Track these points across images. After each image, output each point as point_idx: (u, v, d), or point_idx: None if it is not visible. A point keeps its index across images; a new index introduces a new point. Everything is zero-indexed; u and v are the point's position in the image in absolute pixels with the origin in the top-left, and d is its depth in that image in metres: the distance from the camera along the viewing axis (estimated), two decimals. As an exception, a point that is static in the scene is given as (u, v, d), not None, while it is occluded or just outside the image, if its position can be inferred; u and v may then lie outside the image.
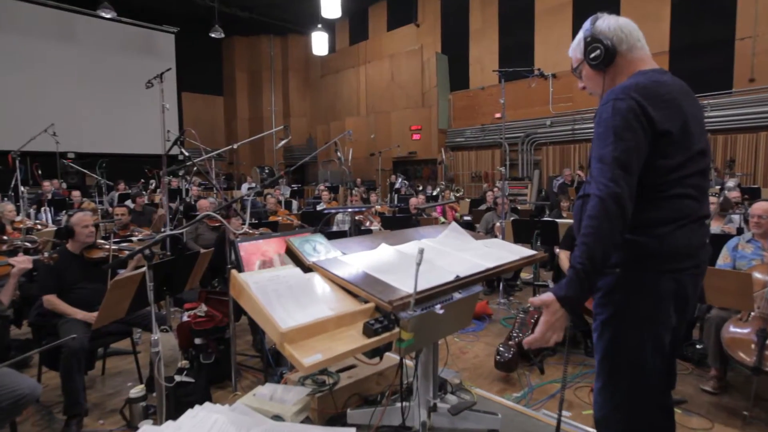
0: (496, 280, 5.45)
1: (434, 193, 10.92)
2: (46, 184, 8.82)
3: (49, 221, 7.21)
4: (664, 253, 1.48)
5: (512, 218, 5.84)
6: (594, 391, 1.66)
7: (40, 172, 9.34)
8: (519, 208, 8.08)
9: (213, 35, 13.97)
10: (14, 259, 2.95)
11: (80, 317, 3.06)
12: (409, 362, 2.49)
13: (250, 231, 4.65)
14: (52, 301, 3.10)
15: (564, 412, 2.87)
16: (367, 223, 6.70)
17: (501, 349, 3.51)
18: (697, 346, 3.57)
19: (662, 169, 1.47)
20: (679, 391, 3.12)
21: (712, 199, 3.76)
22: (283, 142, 5.17)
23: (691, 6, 9.56)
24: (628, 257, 1.51)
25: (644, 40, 1.62)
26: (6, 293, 2.88)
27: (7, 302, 2.87)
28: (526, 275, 6.33)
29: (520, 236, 5.27)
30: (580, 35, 1.67)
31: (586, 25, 1.66)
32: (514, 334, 3.68)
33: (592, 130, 1.71)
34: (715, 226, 4.26)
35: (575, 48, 1.70)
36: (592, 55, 1.61)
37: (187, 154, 3.40)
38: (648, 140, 1.44)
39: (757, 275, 3.00)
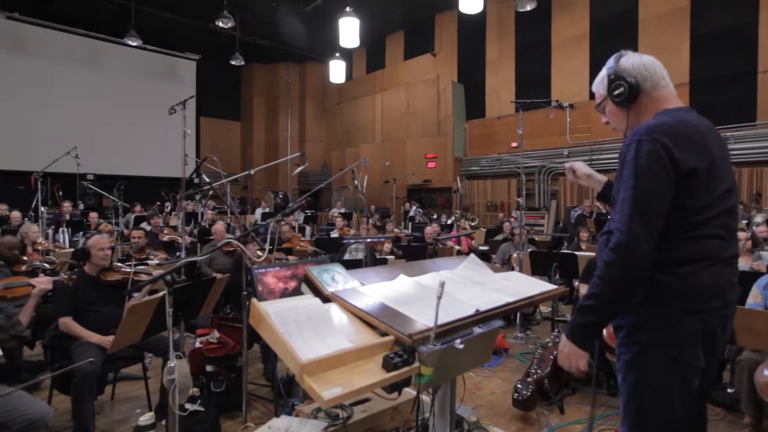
0: (513, 313, 5.35)
1: (449, 222, 10.85)
2: (66, 205, 8.94)
3: (66, 243, 7.28)
4: (689, 293, 1.45)
5: (530, 249, 5.76)
6: (620, 436, 1.59)
7: (60, 193, 9.49)
8: (536, 239, 7.98)
9: (233, 62, 14.29)
10: (35, 279, 2.97)
11: (95, 341, 3.05)
12: (425, 398, 2.42)
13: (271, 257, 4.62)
14: (67, 323, 3.09)
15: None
16: (379, 247, 6.63)
17: (519, 386, 3.39)
18: (729, 390, 3.41)
19: (688, 209, 1.45)
20: (709, 438, 2.98)
21: (740, 234, 3.65)
22: (299, 168, 5.21)
23: (711, 37, 9.49)
24: (652, 296, 1.48)
25: (669, 78, 1.63)
26: (25, 314, 2.88)
27: (26, 323, 2.87)
28: (544, 308, 6.20)
29: (537, 268, 5.18)
30: (604, 72, 1.70)
31: (610, 62, 1.68)
32: (533, 371, 3.56)
33: (609, 161, 1.71)
34: (744, 263, 4.12)
35: (599, 84, 1.73)
36: (616, 92, 1.62)
37: (207, 179, 3.42)
38: (672, 183, 1.43)
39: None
